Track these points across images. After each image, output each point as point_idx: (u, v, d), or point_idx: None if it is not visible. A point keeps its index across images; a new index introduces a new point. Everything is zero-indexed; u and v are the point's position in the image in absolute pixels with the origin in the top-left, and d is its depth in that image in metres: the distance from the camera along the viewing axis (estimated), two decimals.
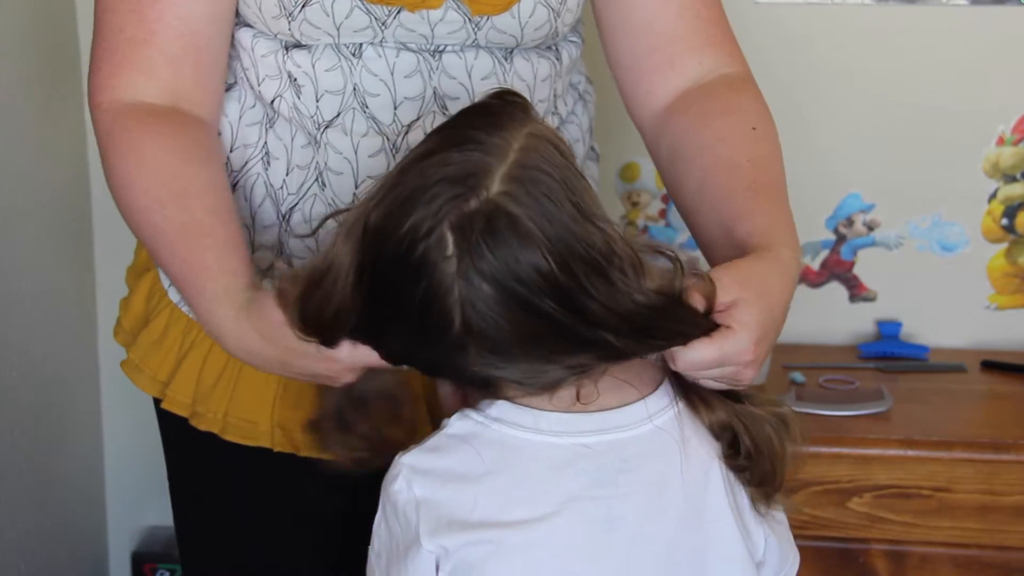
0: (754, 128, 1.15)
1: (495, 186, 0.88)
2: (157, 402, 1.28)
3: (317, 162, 1.16)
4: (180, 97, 1.12)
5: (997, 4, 1.86)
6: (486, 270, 0.87)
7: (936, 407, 1.81)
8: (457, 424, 0.98)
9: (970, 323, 2.00)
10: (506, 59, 1.17)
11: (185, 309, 1.23)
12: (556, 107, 1.24)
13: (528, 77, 1.18)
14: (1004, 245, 1.97)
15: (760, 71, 1.92)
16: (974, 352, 1.97)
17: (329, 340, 0.96)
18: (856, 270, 2.00)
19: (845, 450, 1.72)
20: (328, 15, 1.10)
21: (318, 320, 0.95)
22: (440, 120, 1.13)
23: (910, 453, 1.71)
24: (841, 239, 1.99)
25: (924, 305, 2.00)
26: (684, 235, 2.01)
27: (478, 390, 0.98)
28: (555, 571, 0.95)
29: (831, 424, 1.75)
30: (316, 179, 1.17)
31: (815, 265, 2.01)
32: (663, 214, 2.00)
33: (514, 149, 0.90)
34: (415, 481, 0.96)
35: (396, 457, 0.98)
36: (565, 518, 0.95)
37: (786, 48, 1.92)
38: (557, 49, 1.21)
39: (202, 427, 1.24)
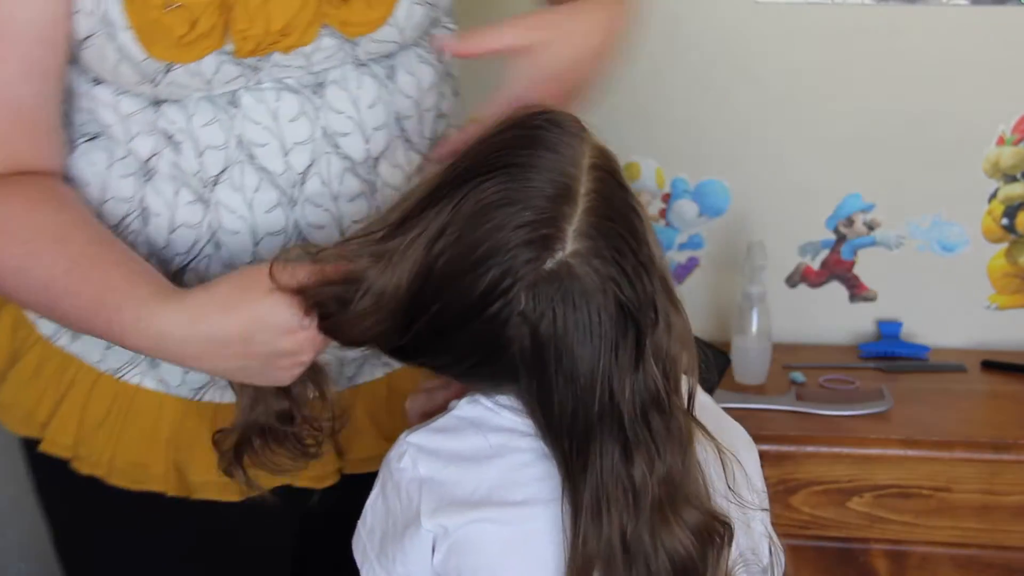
0: None
1: (569, 245, 0.90)
2: (30, 445, 1.20)
3: (209, 222, 1.10)
4: (21, 164, 1.07)
5: (997, 4, 1.86)
6: (556, 331, 0.90)
7: (936, 407, 1.81)
8: (467, 408, 0.99)
9: (970, 323, 2.00)
10: (389, 78, 1.14)
11: (60, 344, 1.17)
12: (442, 109, 1.20)
13: (413, 92, 1.16)
14: (1004, 245, 1.97)
15: (760, 71, 1.92)
16: (974, 352, 1.97)
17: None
18: (856, 270, 2.00)
19: (845, 450, 1.72)
20: (196, 75, 1.05)
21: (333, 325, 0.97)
22: (336, 163, 1.10)
23: (910, 453, 1.71)
24: (841, 239, 1.99)
25: (924, 305, 2.00)
26: (684, 235, 2.01)
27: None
28: (552, 555, 0.96)
29: (831, 424, 1.75)
30: (209, 239, 1.11)
31: (815, 265, 2.01)
32: (663, 214, 2.00)
33: (581, 195, 0.91)
34: (421, 460, 0.98)
35: (401, 436, 1.00)
36: (562, 506, 0.95)
37: (786, 48, 1.92)
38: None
39: (84, 471, 1.17)
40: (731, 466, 0.99)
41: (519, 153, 0.92)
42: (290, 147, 1.09)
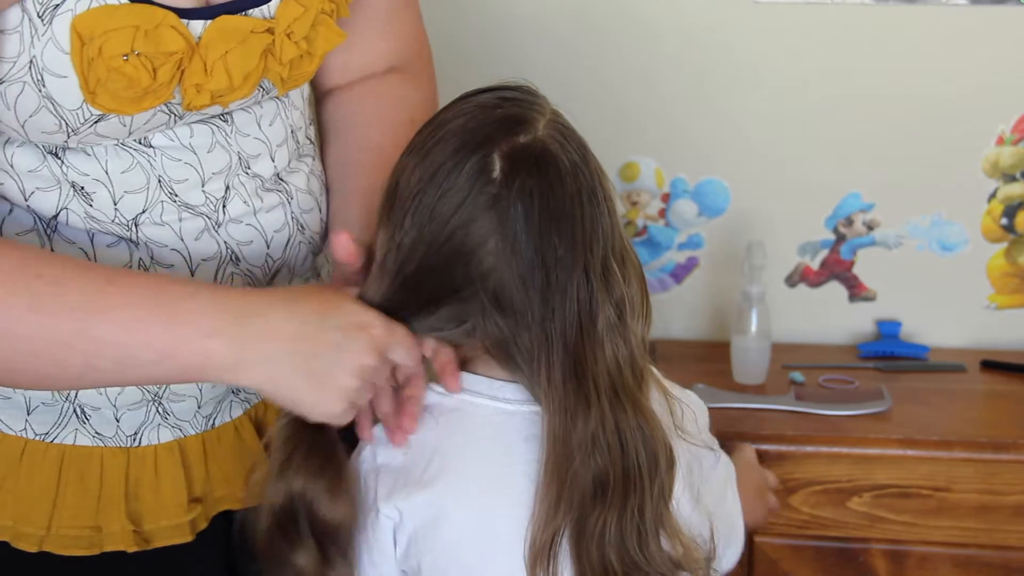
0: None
1: (541, 130, 0.97)
2: None
3: (140, 259, 1.04)
4: None
5: (997, 4, 1.86)
6: (532, 201, 0.95)
7: (936, 407, 1.81)
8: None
9: (970, 323, 2.00)
10: (283, 97, 1.13)
11: None
12: (312, 113, 1.23)
13: (300, 104, 1.17)
14: (1004, 245, 1.97)
15: (760, 70, 1.92)
16: (974, 352, 1.97)
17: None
18: (856, 270, 2.00)
19: (845, 450, 1.72)
20: (125, 125, 0.99)
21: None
22: (248, 183, 1.09)
23: (910, 453, 1.71)
24: (841, 239, 1.99)
25: (924, 305, 2.00)
26: (684, 235, 2.01)
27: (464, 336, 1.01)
28: (505, 528, 0.98)
29: (831, 424, 1.75)
30: None
31: (815, 265, 2.01)
32: (662, 213, 2.00)
33: (548, 113, 0.99)
34: (379, 450, 1.02)
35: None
36: (514, 479, 0.99)
37: (785, 48, 1.92)
38: None
39: (31, 549, 1.07)
40: (678, 409, 1.04)
41: (487, 96, 1.00)
42: (208, 177, 1.07)
